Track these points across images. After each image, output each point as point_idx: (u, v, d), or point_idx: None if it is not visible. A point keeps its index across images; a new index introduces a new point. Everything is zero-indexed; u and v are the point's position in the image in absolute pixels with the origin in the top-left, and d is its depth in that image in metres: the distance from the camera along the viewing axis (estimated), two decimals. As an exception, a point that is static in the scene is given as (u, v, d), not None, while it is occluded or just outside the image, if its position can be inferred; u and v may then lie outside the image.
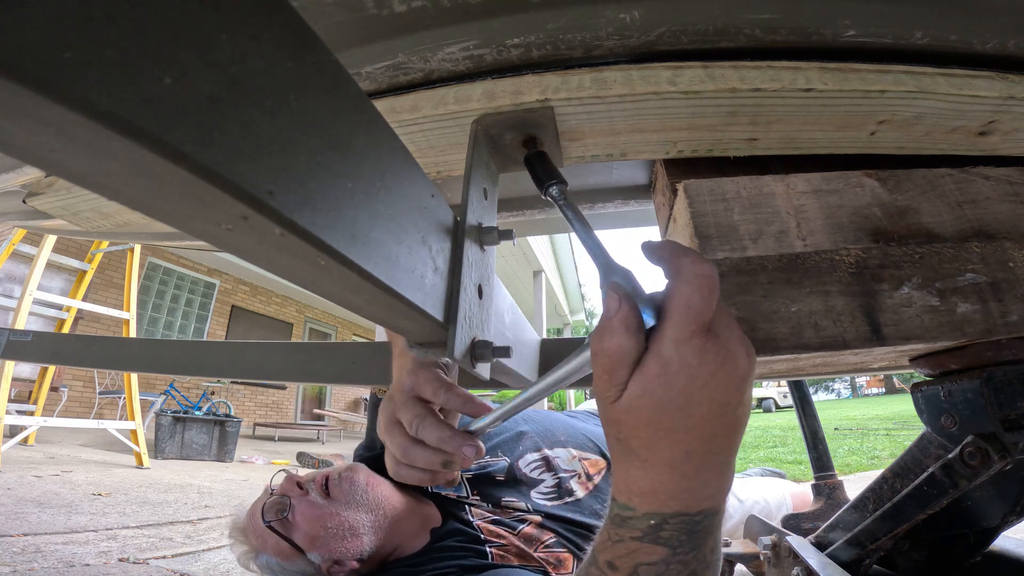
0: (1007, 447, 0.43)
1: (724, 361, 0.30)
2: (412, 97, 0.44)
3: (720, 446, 0.33)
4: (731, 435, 0.33)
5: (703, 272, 0.30)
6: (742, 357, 0.31)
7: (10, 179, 0.61)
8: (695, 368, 0.30)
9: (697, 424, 0.31)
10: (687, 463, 0.33)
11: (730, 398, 0.31)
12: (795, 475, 3.41)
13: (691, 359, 0.30)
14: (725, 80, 0.39)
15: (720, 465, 0.34)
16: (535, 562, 1.00)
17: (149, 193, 0.17)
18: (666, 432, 0.32)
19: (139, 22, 0.14)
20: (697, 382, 0.30)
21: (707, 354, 0.30)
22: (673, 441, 0.32)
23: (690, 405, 0.31)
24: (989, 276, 0.39)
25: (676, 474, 0.33)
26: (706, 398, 0.31)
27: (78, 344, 1.33)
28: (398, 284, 0.26)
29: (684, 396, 0.31)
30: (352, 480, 1.01)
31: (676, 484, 0.34)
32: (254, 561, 1.01)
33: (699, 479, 0.33)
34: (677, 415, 0.31)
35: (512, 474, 1.14)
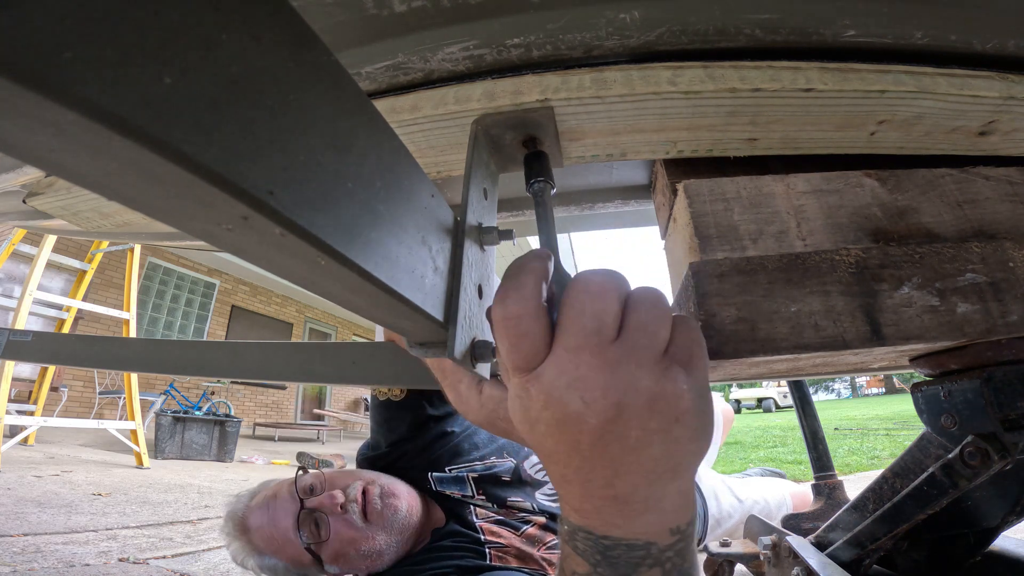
0: (1007, 447, 0.43)
1: (545, 404, 0.28)
2: (412, 97, 0.44)
3: (601, 479, 0.29)
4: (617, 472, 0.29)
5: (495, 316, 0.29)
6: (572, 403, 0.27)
7: (10, 179, 0.61)
8: (524, 402, 0.30)
9: (551, 453, 0.30)
10: (565, 484, 0.31)
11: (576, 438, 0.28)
12: (795, 475, 3.41)
13: (520, 393, 0.30)
14: (725, 80, 0.39)
15: (612, 498, 0.30)
16: (535, 563, 1.00)
17: (149, 193, 0.17)
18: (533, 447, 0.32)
19: (139, 22, 0.14)
20: (530, 415, 0.30)
21: (529, 394, 0.29)
22: (544, 460, 0.32)
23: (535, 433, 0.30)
24: (989, 276, 0.39)
25: (563, 490, 0.32)
26: (545, 433, 0.29)
27: (78, 344, 1.33)
28: (398, 284, 0.26)
29: (527, 424, 0.30)
30: (395, 508, 0.98)
31: (568, 499, 0.32)
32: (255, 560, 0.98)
33: (589, 504, 0.31)
34: (530, 438, 0.31)
35: (518, 475, 1.14)
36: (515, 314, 0.28)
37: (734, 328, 0.38)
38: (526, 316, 0.28)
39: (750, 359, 0.38)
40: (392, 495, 1.00)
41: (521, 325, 0.28)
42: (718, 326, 0.38)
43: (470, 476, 1.10)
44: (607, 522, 0.31)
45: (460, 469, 1.11)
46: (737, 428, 9.54)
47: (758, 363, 0.41)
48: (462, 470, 1.11)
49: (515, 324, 0.28)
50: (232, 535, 1.01)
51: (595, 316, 0.28)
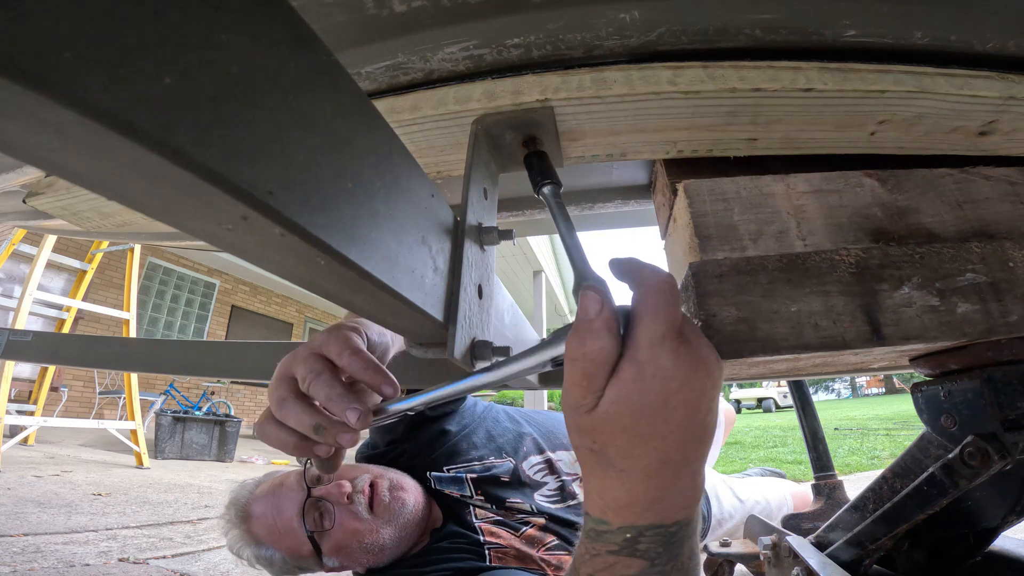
0: (1007, 447, 0.43)
1: (697, 365, 0.31)
2: (412, 97, 0.44)
3: (693, 454, 0.33)
4: (703, 442, 0.33)
5: (664, 278, 0.32)
6: (713, 362, 0.32)
7: (10, 179, 0.61)
8: (670, 371, 0.30)
9: (673, 430, 0.31)
10: (663, 471, 0.32)
11: (702, 403, 0.31)
12: (795, 475, 3.41)
13: (665, 362, 0.30)
14: (725, 80, 0.39)
15: (693, 474, 0.34)
16: (534, 564, 1.00)
17: (149, 193, 0.17)
18: (643, 439, 0.31)
19: (139, 22, 0.14)
20: (672, 385, 0.30)
21: (680, 357, 0.30)
22: (650, 448, 0.32)
23: (666, 410, 0.31)
24: (989, 276, 0.39)
25: (652, 484, 0.33)
26: (681, 402, 0.31)
27: (78, 344, 1.33)
28: (398, 284, 0.26)
29: (661, 400, 0.30)
30: (403, 501, 0.97)
31: (652, 495, 0.33)
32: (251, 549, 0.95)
33: (674, 488, 0.33)
34: (654, 420, 0.31)
35: (517, 476, 1.13)
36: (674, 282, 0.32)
37: (734, 328, 0.38)
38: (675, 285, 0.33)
39: (750, 359, 0.38)
40: (401, 488, 0.99)
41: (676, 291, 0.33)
42: (718, 326, 0.38)
43: (469, 477, 1.10)
44: (678, 505, 0.34)
45: (458, 469, 1.11)
46: (737, 428, 9.53)
47: (758, 363, 0.41)
48: (460, 471, 1.11)
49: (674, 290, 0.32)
50: (232, 522, 0.98)
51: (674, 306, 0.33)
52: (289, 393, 0.42)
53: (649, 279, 0.32)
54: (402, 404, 0.40)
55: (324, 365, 0.42)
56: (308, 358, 0.42)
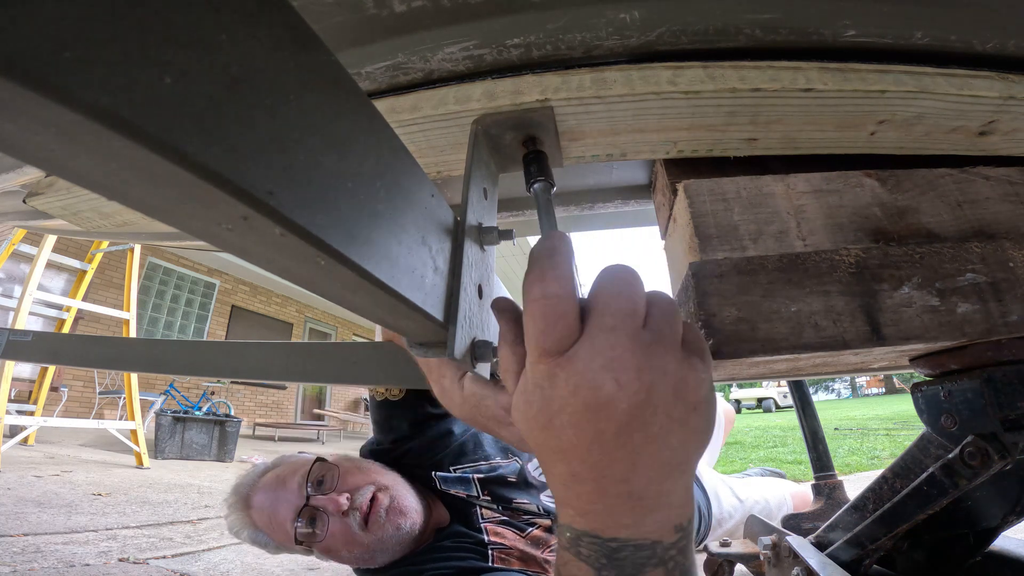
0: (1007, 447, 0.43)
1: (576, 388, 0.27)
2: (412, 97, 0.44)
3: (618, 474, 0.29)
4: (634, 465, 0.29)
5: (531, 296, 0.29)
6: (605, 385, 0.27)
7: (10, 179, 0.61)
8: (547, 391, 0.29)
9: (569, 447, 0.29)
10: (576, 484, 0.30)
11: (601, 425, 0.28)
12: (795, 475, 3.41)
13: (542, 382, 0.29)
14: (725, 80, 0.39)
15: (626, 495, 0.29)
16: (537, 565, 1.00)
17: (149, 193, 0.17)
18: (544, 448, 0.30)
19: (139, 22, 0.14)
20: (553, 405, 0.29)
21: (556, 379, 0.28)
22: (555, 458, 0.30)
23: (552, 426, 0.29)
24: (989, 276, 0.39)
25: (570, 492, 0.31)
26: (567, 422, 0.28)
27: (78, 344, 1.33)
28: (398, 284, 0.26)
29: (544, 416, 0.29)
30: (397, 526, 0.96)
31: (575, 503, 0.31)
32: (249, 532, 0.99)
33: (600, 504, 0.30)
34: (545, 434, 0.30)
35: (523, 476, 1.13)
36: (555, 293, 0.28)
37: (734, 328, 0.38)
38: (565, 296, 0.28)
39: (750, 359, 0.38)
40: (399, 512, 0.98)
41: (560, 305, 0.28)
42: (718, 326, 0.38)
43: (475, 477, 1.10)
44: (616, 523, 0.30)
45: (465, 470, 1.11)
46: (737, 428, 9.53)
47: (758, 363, 0.41)
48: (467, 471, 1.11)
49: (554, 304, 0.28)
50: (233, 506, 1.02)
51: (630, 299, 0.28)
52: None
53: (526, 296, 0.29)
54: None
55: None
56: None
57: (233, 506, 1.01)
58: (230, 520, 1.01)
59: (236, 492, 1.03)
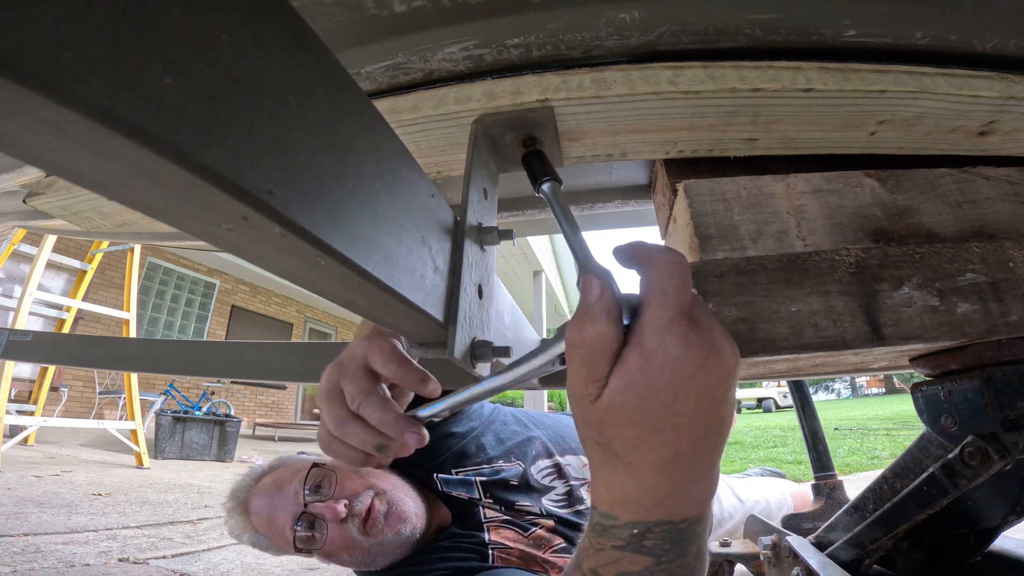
0: (1007, 447, 0.43)
1: (710, 352, 0.29)
2: (412, 97, 0.44)
3: (708, 447, 0.31)
4: (719, 435, 0.31)
5: (672, 259, 0.30)
6: (727, 349, 0.30)
7: (10, 179, 0.61)
8: (680, 359, 0.28)
9: (685, 422, 0.29)
10: (675, 465, 0.30)
11: (717, 393, 0.29)
12: (795, 475, 3.41)
13: (675, 349, 0.28)
14: (725, 80, 0.39)
15: (707, 468, 0.32)
16: (538, 565, 0.99)
17: (149, 193, 0.17)
18: (652, 431, 0.29)
19: (139, 22, 0.14)
20: (684, 373, 0.28)
21: (691, 343, 0.28)
22: (660, 441, 0.30)
23: (677, 400, 0.29)
24: (989, 276, 0.39)
25: (663, 479, 0.31)
26: (693, 392, 0.29)
27: (78, 344, 1.33)
28: (398, 284, 0.26)
29: (670, 390, 0.28)
30: (397, 531, 0.96)
31: (662, 489, 0.31)
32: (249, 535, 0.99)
33: (686, 483, 0.32)
34: (664, 412, 0.29)
35: (525, 479, 1.13)
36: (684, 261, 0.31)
37: (734, 328, 0.38)
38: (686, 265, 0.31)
39: (750, 359, 0.38)
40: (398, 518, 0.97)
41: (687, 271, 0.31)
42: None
43: (478, 480, 1.09)
44: (690, 501, 0.32)
45: (467, 472, 1.10)
46: (737, 428, 9.53)
47: (758, 363, 0.41)
48: (469, 474, 1.10)
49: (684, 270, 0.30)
50: (232, 511, 1.01)
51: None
52: (345, 413, 0.41)
53: (657, 261, 0.30)
54: (432, 409, 0.40)
55: (372, 384, 0.41)
56: (355, 374, 0.42)
57: (232, 511, 1.01)
58: (230, 524, 1.01)
59: (234, 496, 1.02)
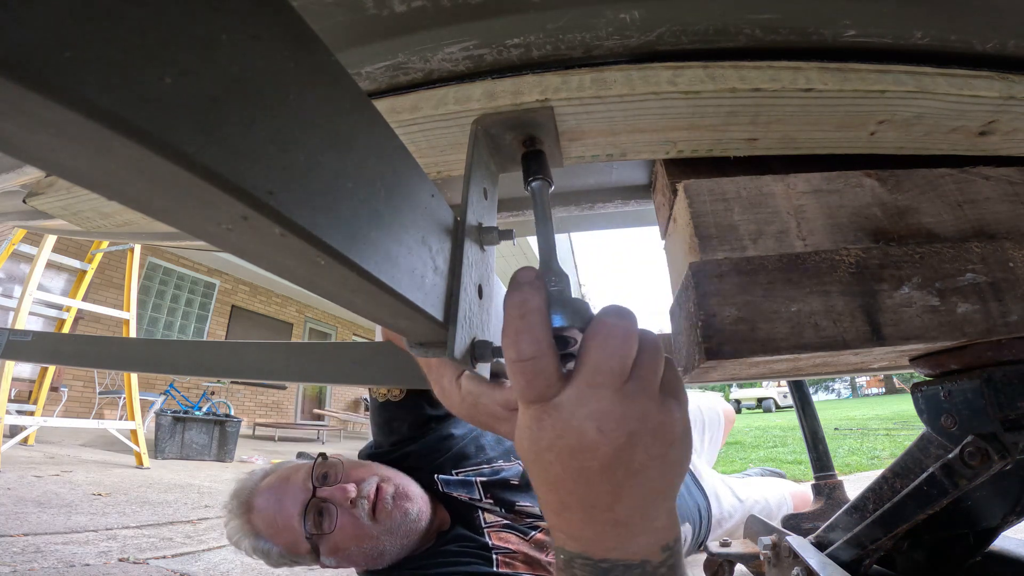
0: (1007, 447, 0.43)
1: (562, 432, 0.30)
2: (412, 97, 0.44)
3: (603, 504, 0.31)
4: (617, 496, 0.31)
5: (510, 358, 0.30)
6: (588, 432, 0.30)
7: (10, 179, 0.61)
8: (534, 432, 0.31)
9: (555, 480, 0.32)
10: (565, 512, 0.33)
11: (585, 464, 0.30)
12: (795, 475, 3.41)
13: (531, 423, 0.31)
14: (725, 80, 0.39)
15: (612, 522, 0.32)
16: (542, 568, 0.99)
17: (149, 193, 0.17)
18: (533, 477, 0.33)
19: (139, 22, 0.14)
20: (540, 444, 0.31)
21: (543, 423, 0.31)
22: (543, 488, 0.33)
23: (540, 461, 0.32)
24: (989, 276, 0.39)
25: (561, 519, 0.33)
26: (553, 460, 0.31)
27: (78, 344, 1.33)
28: (398, 284, 0.26)
29: (533, 452, 0.32)
30: (405, 511, 0.97)
31: (566, 528, 0.34)
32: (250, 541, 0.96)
33: (589, 530, 0.32)
34: (534, 466, 0.32)
35: (525, 479, 1.13)
36: (529, 355, 0.30)
37: (734, 328, 0.38)
38: (540, 357, 0.30)
39: (750, 359, 0.38)
40: (405, 497, 0.98)
41: (536, 366, 0.30)
42: (718, 326, 0.38)
43: (478, 480, 1.09)
44: (605, 546, 0.33)
45: (468, 473, 1.10)
46: (737, 428, 9.53)
47: (758, 363, 0.41)
48: (470, 474, 1.10)
49: (531, 366, 0.30)
50: (234, 512, 0.99)
51: (620, 360, 0.30)
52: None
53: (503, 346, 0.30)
54: None
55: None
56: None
57: (233, 511, 0.99)
58: (230, 528, 0.98)
59: (236, 497, 1.01)
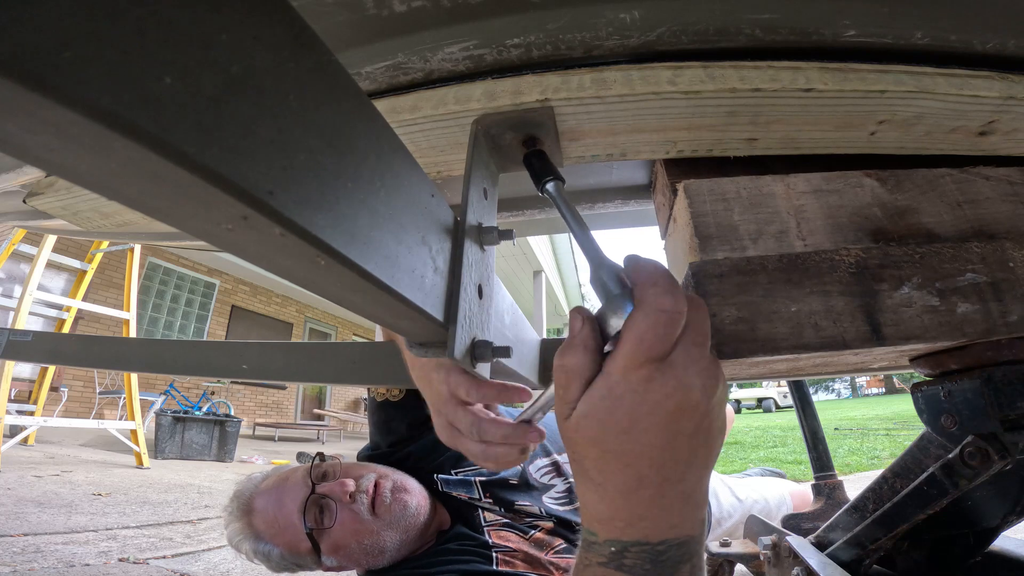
0: (1007, 447, 0.43)
1: (672, 392, 0.30)
2: (412, 97, 0.44)
3: (678, 475, 0.32)
4: (690, 464, 0.32)
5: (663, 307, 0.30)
6: (695, 390, 0.31)
7: (10, 179, 0.61)
8: (640, 395, 0.30)
9: (645, 450, 0.31)
10: (641, 490, 0.32)
11: (681, 426, 0.31)
12: (795, 475, 3.41)
13: (637, 386, 0.31)
14: (725, 80, 0.39)
15: (681, 495, 0.33)
16: (542, 567, 0.99)
17: (149, 193, 0.17)
18: (614, 455, 0.32)
19: (139, 22, 0.14)
20: (643, 408, 0.31)
21: (654, 383, 0.30)
22: (623, 465, 0.32)
23: (635, 430, 0.31)
24: (989, 276, 0.39)
25: (630, 501, 0.33)
26: (653, 425, 0.31)
27: (78, 344, 1.33)
28: (398, 284, 0.26)
29: (629, 419, 0.31)
30: (404, 504, 0.97)
31: (632, 511, 0.33)
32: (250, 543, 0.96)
33: (658, 507, 0.33)
34: (623, 438, 0.31)
35: (525, 478, 1.13)
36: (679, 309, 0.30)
37: (734, 328, 0.38)
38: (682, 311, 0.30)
39: (750, 359, 0.38)
40: (403, 490, 0.98)
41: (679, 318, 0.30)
42: (718, 326, 0.38)
43: (477, 480, 1.09)
44: (667, 524, 0.33)
45: (467, 472, 1.11)
46: (737, 428, 9.53)
47: (758, 363, 0.41)
48: (469, 474, 1.10)
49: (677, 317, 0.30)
50: (234, 515, 0.99)
51: (708, 321, 0.32)
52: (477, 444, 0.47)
53: (648, 303, 0.30)
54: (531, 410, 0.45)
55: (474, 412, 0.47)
56: (458, 411, 0.48)
57: (233, 514, 0.99)
58: (230, 530, 0.98)
59: (237, 498, 1.01)
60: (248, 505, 0.99)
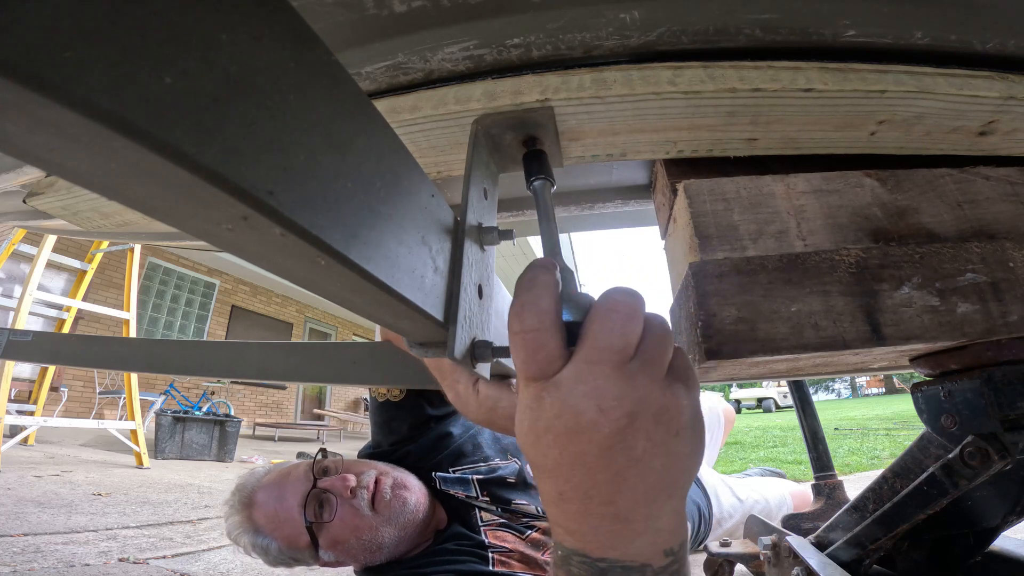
0: (1007, 447, 0.43)
1: (560, 411, 0.29)
2: (412, 97, 0.44)
3: (602, 496, 0.30)
4: (618, 487, 0.29)
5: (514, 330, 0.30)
6: (588, 411, 0.28)
7: (10, 179, 0.61)
8: (536, 411, 0.30)
9: (554, 465, 0.30)
10: (563, 503, 0.31)
11: (582, 448, 0.29)
12: (795, 475, 3.41)
13: (531, 403, 0.30)
14: (725, 80, 0.39)
15: (612, 517, 0.30)
16: (539, 568, 0.99)
17: (149, 193, 0.17)
18: (532, 464, 0.32)
19: (139, 22, 0.14)
20: (539, 424, 0.30)
21: (543, 401, 0.30)
22: (542, 476, 0.32)
23: (540, 444, 0.30)
24: (989, 276, 0.39)
25: (559, 510, 0.32)
26: (552, 442, 0.30)
27: (78, 344, 1.33)
28: (398, 284, 0.26)
29: (532, 435, 0.31)
30: (403, 500, 0.97)
31: (563, 522, 0.32)
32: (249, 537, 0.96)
33: (587, 524, 0.31)
34: (533, 451, 0.31)
35: (522, 477, 1.13)
36: (533, 327, 0.29)
37: (734, 328, 0.38)
38: (543, 330, 0.29)
39: (750, 359, 0.38)
40: (403, 487, 0.99)
41: (539, 338, 0.29)
42: (718, 326, 0.38)
43: (475, 478, 1.10)
44: (604, 544, 0.31)
45: (465, 471, 1.11)
46: (737, 428, 9.53)
47: (758, 363, 0.41)
48: (467, 472, 1.11)
49: (533, 338, 0.29)
50: (234, 508, 0.99)
51: (623, 336, 0.29)
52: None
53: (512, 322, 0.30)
54: None
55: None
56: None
57: (234, 507, 1.00)
58: (230, 523, 0.99)
59: (238, 492, 1.02)
60: (250, 499, 0.99)
